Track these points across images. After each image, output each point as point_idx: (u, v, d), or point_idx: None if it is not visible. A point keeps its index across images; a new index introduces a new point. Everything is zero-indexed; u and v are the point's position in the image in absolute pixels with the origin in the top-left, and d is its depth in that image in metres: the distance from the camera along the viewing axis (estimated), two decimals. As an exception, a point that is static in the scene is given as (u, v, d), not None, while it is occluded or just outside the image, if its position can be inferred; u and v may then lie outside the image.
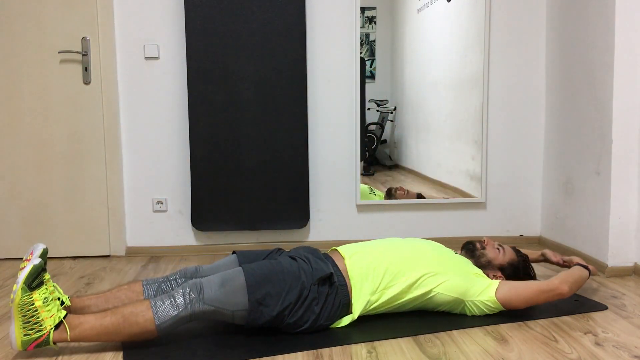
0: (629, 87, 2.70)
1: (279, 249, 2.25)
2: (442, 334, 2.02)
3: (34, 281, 1.80)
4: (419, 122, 3.47)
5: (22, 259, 3.19)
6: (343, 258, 2.11)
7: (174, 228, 3.35)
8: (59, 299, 1.87)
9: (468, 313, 2.16)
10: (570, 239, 3.14)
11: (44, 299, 1.81)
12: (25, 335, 1.79)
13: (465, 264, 2.20)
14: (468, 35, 3.40)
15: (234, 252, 2.24)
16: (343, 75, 3.34)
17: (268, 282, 1.93)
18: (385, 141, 3.54)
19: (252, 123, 3.23)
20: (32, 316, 1.79)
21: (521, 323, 2.12)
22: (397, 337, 1.98)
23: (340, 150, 3.38)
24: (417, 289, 2.07)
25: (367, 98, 3.40)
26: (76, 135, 3.20)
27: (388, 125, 3.52)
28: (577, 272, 2.24)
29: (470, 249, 2.33)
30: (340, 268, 2.07)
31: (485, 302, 2.12)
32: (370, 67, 3.42)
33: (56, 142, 3.19)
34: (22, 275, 1.78)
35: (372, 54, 3.41)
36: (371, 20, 3.38)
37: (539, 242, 3.47)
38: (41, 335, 1.79)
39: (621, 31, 2.68)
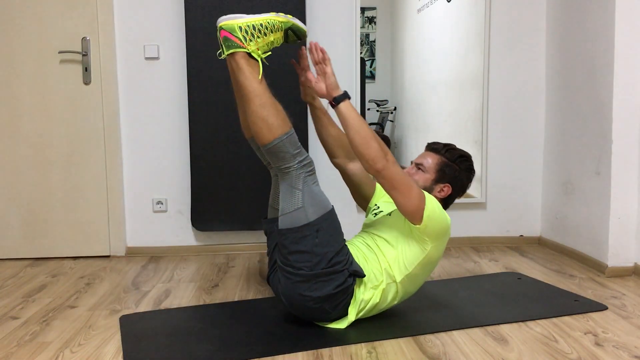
0: (629, 87, 2.70)
1: None
2: (442, 334, 2.02)
3: (292, 33, 2.05)
4: (418, 122, 3.48)
5: (23, 258, 3.20)
6: None
7: (174, 228, 3.35)
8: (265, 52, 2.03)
9: (442, 241, 2.04)
10: (570, 239, 3.14)
11: (272, 42, 2.02)
12: (239, 27, 1.95)
13: (403, 222, 2.06)
14: (468, 35, 3.40)
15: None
16: (343, 75, 3.34)
17: (334, 231, 2.01)
18: (385, 141, 3.53)
19: (252, 123, 3.22)
20: (260, 32, 1.97)
21: (521, 323, 2.12)
22: (397, 337, 1.98)
23: (340, 150, 3.37)
24: (397, 276, 2.04)
25: (367, 98, 3.40)
26: (76, 135, 3.20)
27: (388, 125, 3.52)
28: (352, 128, 1.95)
29: None
30: None
31: (423, 235, 1.98)
32: (370, 67, 3.42)
33: (56, 142, 3.19)
34: (299, 22, 2.06)
35: (372, 54, 3.41)
36: (371, 20, 3.38)
37: (539, 242, 3.47)
38: (240, 41, 1.96)
39: (621, 31, 2.68)
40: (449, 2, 3.38)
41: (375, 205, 2.33)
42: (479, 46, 3.37)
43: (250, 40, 1.97)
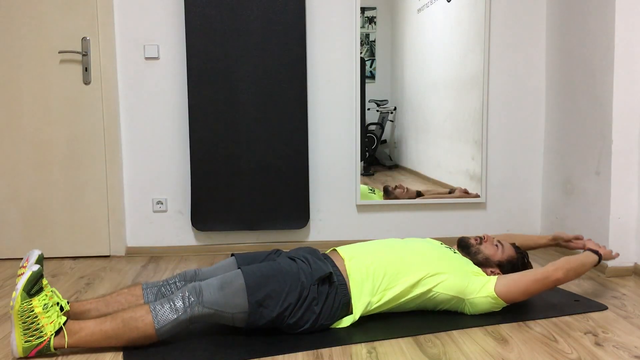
0: (629, 87, 2.70)
1: (277, 250, 2.25)
2: (442, 334, 2.02)
3: (33, 287, 1.80)
4: (419, 122, 3.47)
5: (22, 259, 3.19)
6: (343, 259, 2.11)
7: (174, 228, 3.35)
8: (58, 304, 1.87)
9: (467, 312, 2.16)
10: (570, 239, 3.14)
11: (44, 305, 1.82)
12: (26, 342, 1.80)
13: (465, 263, 2.20)
14: (468, 35, 3.40)
15: (232, 255, 2.24)
16: (343, 75, 3.34)
17: (268, 284, 1.93)
18: (385, 141, 3.53)
19: (252, 123, 3.23)
20: (32, 322, 1.79)
21: (521, 323, 2.12)
22: (397, 337, 1.98)
23: (340, 150, 3.38)
24: (417, 288, 2.08)
25: (367, 98, 3.40)
26: (76, 135, 3.20)
27: (388, 125, 3.51)
28: (580, 258, 2.22)
29: (464, 245, 2.31)
30: (340, 268, 2.07)
31: (485, 297, 2.10)
32: (370, 67, 3.42)
33: (56, 142, 3.19)
34: (21, 282, 1.79)
35: (372, 54, 3.41)
36: (371, 20, 3.38)
37: (539, 242, 3.47)
38: (42, 342, 1.80)
39: (621, 31, 2.68)
40: (449, 2, 3.38)
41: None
42: (479, 46, 3.37)
43: (42, 331, 1.80)
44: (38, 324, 1.80)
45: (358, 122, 3.35)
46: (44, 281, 1.85)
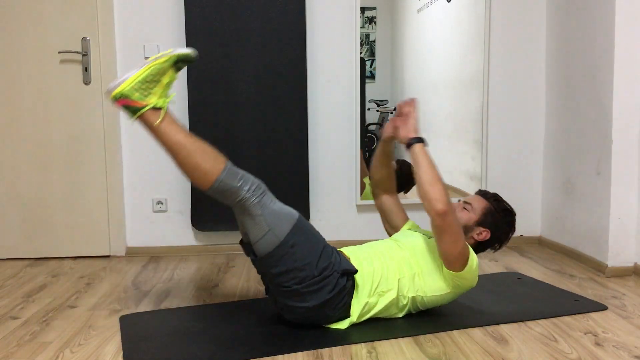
0: (629, 87, 2.70)
1: None
2: (442, 334, 2.02)
3: (181, 63, 1.88)
4: (418, 122, 3.47)
5: (23, 258, 3.20)
6: (348, 259, 2.11)
7: (174, 228, 3.35)
8: (167, 96, 1.92)
9: (462, 291, 2.11)
10: (570, 239, 3.14)
11: (169, 82, 1.89)
12: (131, 89, 1.82)
13: None
14: (468, 35, 3.40)
15: None
16: (343, 75, 3.34)
17: (309, 238, 1.99)
18: (385, 141, 3.53)
19: (252, 123, 3.23)
20: (152, 82, 1.84)
21: (521, 323, 2.12)
22: (397, 337, 1.98)
23: (340, 150, 3.38)
24: (408, 292, 2.07)
25: (367, 98, 3.40)
26: (76, 136, 3.20)
27: (388, 125, 3.51)
28: (417, 168, 2.00)
29: None
30: None
31: (452, 279, 2.04)
32: (370, 67, 3.42)
33: (56, 142, 3.19)
34: (181, 50, 1.86)
35: (372, 54, 3.41)
36: (371, 20, 3.38)
37: (539, 242, 3.47)
38: (140, 101, 1.84)
39: (621, 31, 2.68)
40: (449, 2, 3.38)
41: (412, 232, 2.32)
42: (479, 46, 3.37)
43: (148, 95, 1.86)
44: (153, 88, 1.85)
45: (358, 122, 3.35)
46: (178, 74, 1.94)
